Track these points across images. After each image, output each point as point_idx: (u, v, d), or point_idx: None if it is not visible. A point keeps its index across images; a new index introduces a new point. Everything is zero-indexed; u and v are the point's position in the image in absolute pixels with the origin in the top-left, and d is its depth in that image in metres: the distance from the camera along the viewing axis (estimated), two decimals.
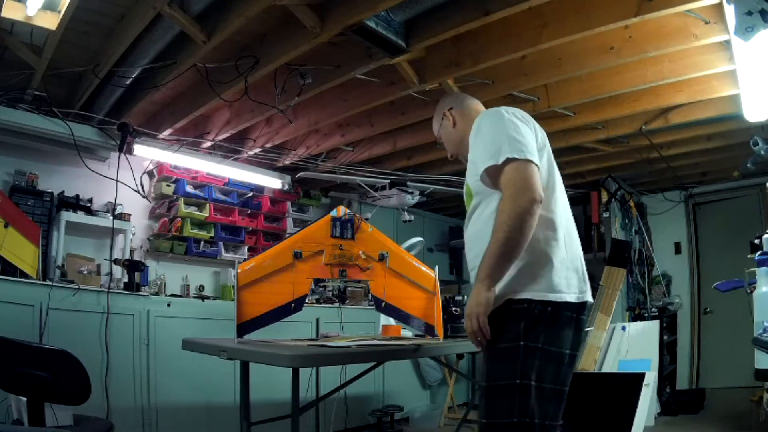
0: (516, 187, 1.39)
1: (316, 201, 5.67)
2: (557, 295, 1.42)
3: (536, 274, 1.43)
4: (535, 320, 1.40)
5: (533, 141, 1.48)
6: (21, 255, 3.07)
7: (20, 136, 3.68)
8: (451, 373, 4.73)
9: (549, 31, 2.70)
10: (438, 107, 1.85)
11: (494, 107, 1.59)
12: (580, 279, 1.49)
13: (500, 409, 1.38)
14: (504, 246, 1.37)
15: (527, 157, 1.41)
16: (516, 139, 1.44)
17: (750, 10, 2.03)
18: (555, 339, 1.41)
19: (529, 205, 1.37)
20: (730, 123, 3.83)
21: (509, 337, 1.40)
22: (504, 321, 1.42)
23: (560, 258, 1.45)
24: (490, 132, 1.50)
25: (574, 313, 1.45)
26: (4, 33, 2.80)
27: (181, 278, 4.67)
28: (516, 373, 1.37)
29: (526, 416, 1.35)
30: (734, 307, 4.73)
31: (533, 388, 1.36)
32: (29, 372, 1.94)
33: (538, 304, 1.40)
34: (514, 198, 1.38)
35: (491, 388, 1.42)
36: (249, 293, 2.21)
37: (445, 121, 1.81)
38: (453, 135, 1.80)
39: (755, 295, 2.96)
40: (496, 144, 1.45)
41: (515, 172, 1.41)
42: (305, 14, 2.57)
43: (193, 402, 3.40)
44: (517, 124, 1.48)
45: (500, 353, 1.42)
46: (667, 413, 4.56)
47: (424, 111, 3.69)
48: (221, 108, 3.96)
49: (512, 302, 1.42)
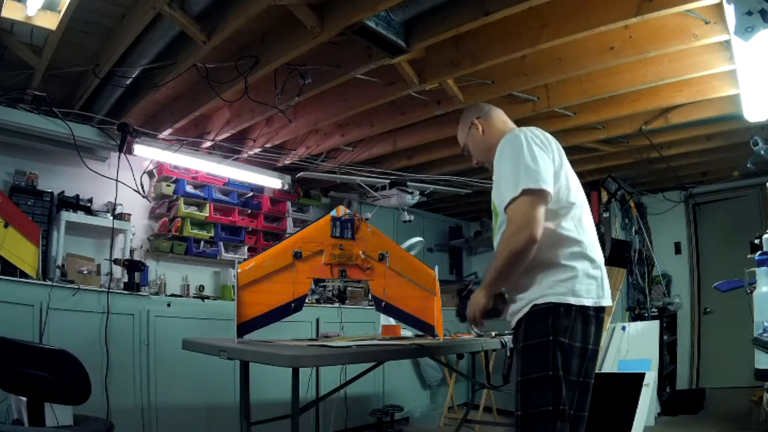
0: (518, 225, 1.55)
1: (316, 201, 5.67)
2: (577, 299, 1.57)
3: (559, 282, 1.58)
4: (561, 318, 1.55)
5: (550, 167, 1.61)
6: (21, 255, 3.07)
7: (20, 136, 3.68)
8: (451, 373, 4.73)
9: (549, 31, 2.69)
10: (464, 117, 1.96)
11: (518, 129, 1.70)
12: (599, 286, 1.64)
13: (535, 400, 1.52)
14: (499, 272, 1.62)
15: (541, 186, 1.55)
16: (531, 169, 1.56)
17: (750, 10, 2.03)
18: (578, 335, 1.57)
19: (526, 245, 1.53)
20: (730, 123, 3.82)
21: (539, 334, 1.56)
22: (533, 321, 1.59)
23: (581, 269, 1.60)
24: (510, 161, 1.62)
25: (593, 312, 1.61)
26: (4, 33, 2.80)
27: (181, 278, 4.67)
28: (548, 365, 1.52)
29: (559, 404, 1.50)
30: (734, 307, 4.73)
31: (562, 379, 1.52)
32: (29, 372, 1.95)
33: (562, 306, 1.56)
34: (514, 236, 1.55)
35: (525, 382, 1.56)
36: (249, 293, 2.21)
37: (473, 130, 1.90)
38: (481, 143, 1.90)
39: (755, 295, 2.96)
40: (514, 175, 1.58)
41: (520, 208, 1.55)
42: (305, 14, 2.57)
43: (193, 402, 3.40)
44: (534, 153, 1.60)
45: (532, 349, 1.57)
46: (667, 413, 4.56)
47: (424, 111, 3.69)
48: (221, 108, 3.96)
49: (538, 305, 1.59)
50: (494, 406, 4.70)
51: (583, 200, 1.72)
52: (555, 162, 1.65)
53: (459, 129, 1.98)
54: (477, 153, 1.93)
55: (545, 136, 1.70)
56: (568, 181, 1.68)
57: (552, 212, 1.62)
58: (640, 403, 3.29)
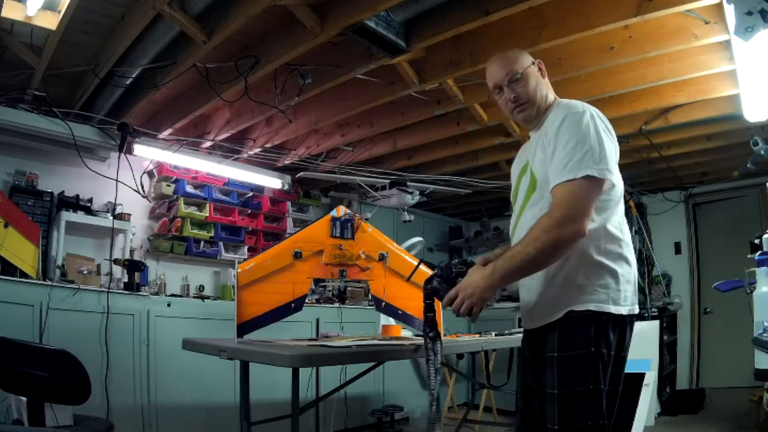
0: (568, 214, 1.36)
1: (316, 201, 5.67)
2: (617, 308, 1.45)
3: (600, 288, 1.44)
4: (603, 328, 1.43)
5: (614, 156, 1.46)
6: (21, 255, 3.07)
7: (20, 136, 3.68)
8: (451, 373, 4.73)
9: (549, 31, 2.69)
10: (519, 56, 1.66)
11: (581, 103, 1.51)
12: (634, 292, 1.52)
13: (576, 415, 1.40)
14: (529, 263, 1.38)
15: (606, 176, 1.39)
16: (599, 155, 1.40)
17: (750, 10, 2.03)
18: (614, 343, 1.45)
19: (571, 238, 1.36)
20: (730, 123, 3.82)
21: (581, 345, 1.43)
22: (573, 329, 1.44)
23: (621, 273, 1.47)
24: (576, 136, 1.42)
25: (628, 319, 1.49)
26: (4, 33, 2.80)
27: (181, 278, 4.67)
28: (590, 378, 1.40)
29: (599, 419, 1.40)
30: (734, 307, 4.72)
31: (604, 393, 1.41)
32: (29, 372, 1.94)
33: (603, 315, 1.43)
34: (561, 225, 1.35)
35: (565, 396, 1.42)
36: (249, 293, 2.21)
37: (535, 69, 1.63)
38: (542, 85, 1.62)
39: (755, 295, 2.97)
40: (579, 153, 1.39)
41: (576, 194, 1.37)
42: (305, 14, 2.57)
43: (193, 402, 3.40)
44: (602, 137, 1.43)
45: (572, 361, 1.43)
46: (667, 413, 4.56)
47: (424, 111, 3.69)
48: (221, 108, 3.96)
49: (576, 312, 1.44)
50: (494, 406, 4.70)
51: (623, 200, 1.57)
52: (617, 150, 1.49)
53: (512, 56, 1.64)
54: (532, 91, 1.59)
55: (606, 119, 1.52)
56: (620, 174, 1.52)
57: (602, 204, 1.45)
58: (640, 403, 3.29)
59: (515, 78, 1.61)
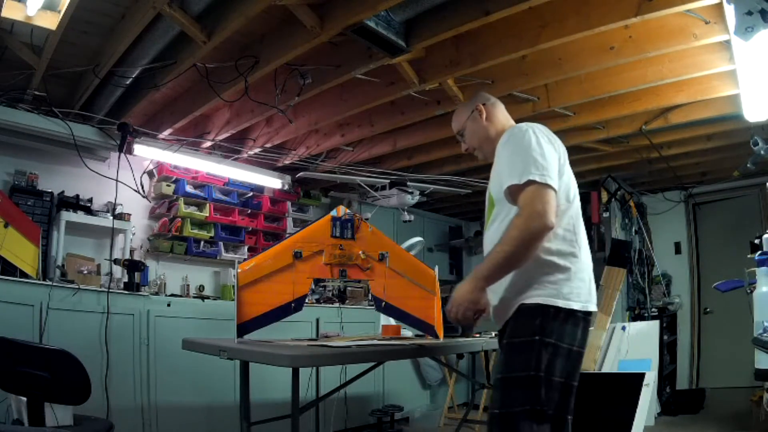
0: (534, 210, 1.49)
1: (316, 201, 5.67)
2: (566, 302, 1.54)
3: (550, 283, 1.55)
4: (549, 319, 1.52)
5: (556, 164, 1.58)
6: (21, 255, 3.07)
7: (20, 136, 3.68)
8: (451, 373, 4.73)
9: (549, 31, 2.69)
10: (469, 101, 1.91)
11: (525, 123, 1.67)
12: (588, 290, 1.61)
13: (515, 399, 1.49)
14: (507, 259, 1.52)
15: (547, 181, 1.51)
16: (540, 163, 1.53)
17: (750, 10, 2.03)
18: (565, 336, 1.53)
19: (541, 231, 1.49)
20: (730, 123, 3.83)
21: (526, 333, 1.53)
22: (521, 318, 1.56)
23: (573, 270, 1.57)
24: (517, 150, 1.59)
25: (581, 314, 1.58)
26: (4, 33, 2.80)
27: (181, 278, 4.67)
28: (531, 365, 1.49)
29: (537, 405, 1.46)
30: (734, 307, 4.73)
31: (543, 380, 1.48)
32: (29, 372, 1.94)
33: (552, 307, 1.53)
34: (530, 219, 1.49)
35: (506, 379, 1.54)
36: (249, 293, 2.21)
37: (476, 114, 1.84)
38: (481, 129, 1.84)
39: (755, 295, 2.97)
40: (521, 164, 1.54)
41: (534, 196, 1.50)
42: (305, 14, 2.57)
43: (193, 402, 3.40)
44: (543, 147, 1.57)
45: (516, 347, 1.54)
46: (667, 413, 4.56)
47: (424, 111, 3.69)
48: (221, 108, 3.96)
49: (526, 305, 1.56)
50: None
51: (578, 200, 1.70)
52: (560, 158, 1.63)
53: (458, 112, 1.92)
54: (473, 139, 1.86)
55: (550, 132, 1.68)
56: (569, 179, 1.66)
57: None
58: (640, 403, 3.28)
59: (460, 135, 1.91)
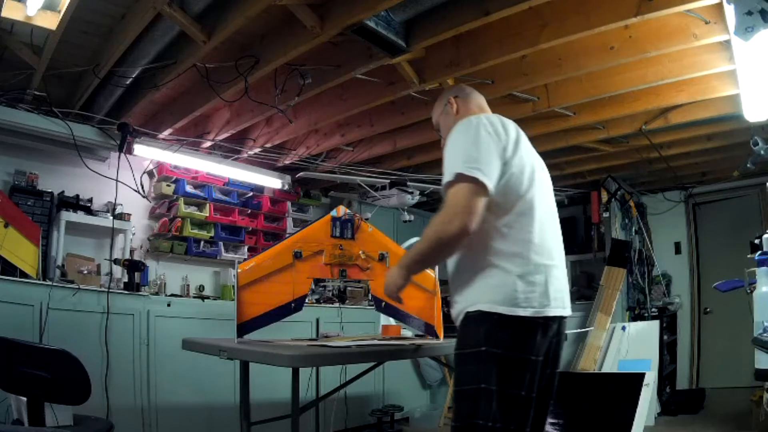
0: (453, 212, 1.40)
1: (316, 201, 5.67)
2: (510, 309, 1.40)
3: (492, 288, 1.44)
4: (494, 328, 1.41)
5: (494, 156, 1.44)
6: (21, 255, 3.07)
7: (20, 136, 3.67)
8: (451, 373, 4.73)
9: (549, 31, 2.69)
10: (443, 94, 1.86)
11: (475, 115, 1.57)
12: (543, 293, 1.44)
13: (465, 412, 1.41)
14: (423, 256, 1.52)
15: (474, 174, 1.39)
16: (472, 156, 1.42)
17: (750, 10, 2.03)
18: (514, 345, 1.40)
19: (456, 235, 1.39)
20: (730, 123, 3.83)
21: (471, 343, 1.43)
22: (466, 327, 1.47)
23: (517, 273, 1.43)
24: (454, 144, 1.49)
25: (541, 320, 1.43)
26: (4, 33, 2.80)
27: (181, 278, 4.67)
28: (479, 377, 1.39)
29: (488, 420, 1.36)
30: (734, 307, 4.72)
31: (495, 393, 1.37)
32: (29, 372, 1.94)
33: (495, 314, 1.41)
34: (446, 222, 1.40)
35: (458, 393, 1.46)
36: (249, 293, 2.21)
37: (448, 107, 1.80)
38: (452, 123, 1.70)
39: (755, 295, 2.96)
40: (454, 159, 1.45)
41: (458, 195, 1.41)
42: (305, 14, 2.57)
43: (193, 402, 3.40)
44: (480, 139, 1.45)
45: (464, 358, 1.45)
46: (667, 413, 4.56)
47: (424, 111, 3.68)
48: (221, 108, 3.96)
49: (471, 313, 1.46)
50: None
51: (542, 196, 1.54)
52: (507, 151, 1.47)
53: (435, 106, 1.86)
54: (446, 132, 1.72)
55: (503, 123, 1.52)
56: (522, 173, 1.48)
57: (496, 205, 1.45)
58: (640, 403, 3.28)
59: (437, 129, 1.88)
